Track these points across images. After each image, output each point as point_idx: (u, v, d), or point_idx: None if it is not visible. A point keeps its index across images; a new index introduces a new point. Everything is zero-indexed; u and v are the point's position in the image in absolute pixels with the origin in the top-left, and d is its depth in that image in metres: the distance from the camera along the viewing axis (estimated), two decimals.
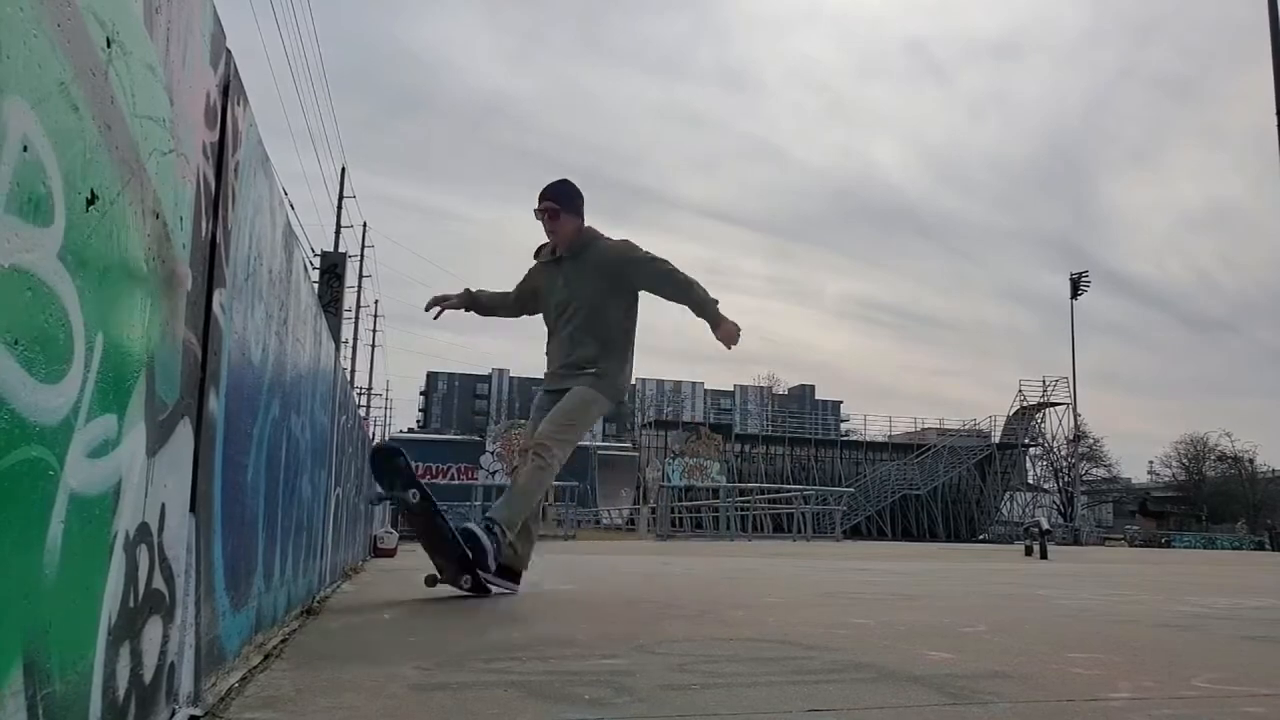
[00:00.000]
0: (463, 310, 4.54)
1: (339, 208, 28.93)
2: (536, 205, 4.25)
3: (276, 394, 2.40)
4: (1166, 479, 60.37)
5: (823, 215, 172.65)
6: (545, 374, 4.37)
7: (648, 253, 4.21)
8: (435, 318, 4.55)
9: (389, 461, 4.18)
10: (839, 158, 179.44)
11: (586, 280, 4.19)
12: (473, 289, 4.57)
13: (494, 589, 4.08)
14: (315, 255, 19.97)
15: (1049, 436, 46.64)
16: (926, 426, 45.99)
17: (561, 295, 4.25)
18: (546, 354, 4.37)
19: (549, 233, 4.27)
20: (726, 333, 4.06)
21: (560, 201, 4.21)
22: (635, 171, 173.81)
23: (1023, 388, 43.85)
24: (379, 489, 4.22)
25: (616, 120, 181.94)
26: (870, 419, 73.65)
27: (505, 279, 4.76)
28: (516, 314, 4.60)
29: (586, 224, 4.31)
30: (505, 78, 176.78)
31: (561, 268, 4.27)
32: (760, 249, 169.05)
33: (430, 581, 4.13)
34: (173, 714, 1.47)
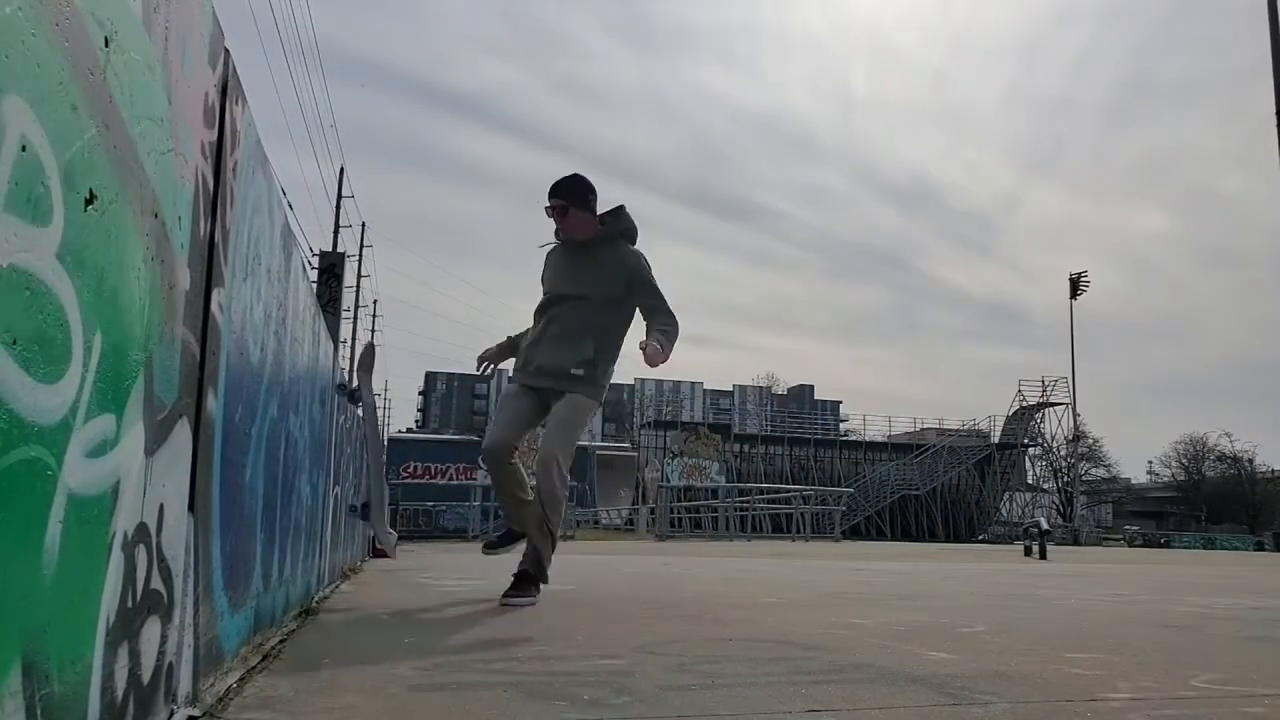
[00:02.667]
0: (510, 357, 4.56)
1: (337, 207, 28.94)
2: (546, 202, 4.21)
3: (275, 394, 2.40)
4: (1166, 479, 60.42)
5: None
6: (523, 363, 4.26)
7: (655, 283, 4.26)
8: (488, 373, 4.75)
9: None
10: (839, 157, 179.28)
11: (599, 278, 4.16)
12: (511, 335, 4.60)
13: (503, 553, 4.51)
14: (314, 255, 19.97)
15: (1048, 436, 46.69)
16: (926, 426, 45.99)
17: (567, 286, 4.19)
18: (530, 339, 4.26)
19: (559, 229, 4.26)
20: (652, 354, 3.97)
21: (569, 198, 4.18)
22: (638, 172, 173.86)
23: (1022, 388, 43.90)
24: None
25: (616, 118, 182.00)
26: (869, 419, 73.67)
27: (504, 275, 4.74)
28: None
29: (599, 216, 4.25)
30: (504, 71, 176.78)
31: (574, 257, 4.23)
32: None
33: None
34: (171, 714, 1.47)
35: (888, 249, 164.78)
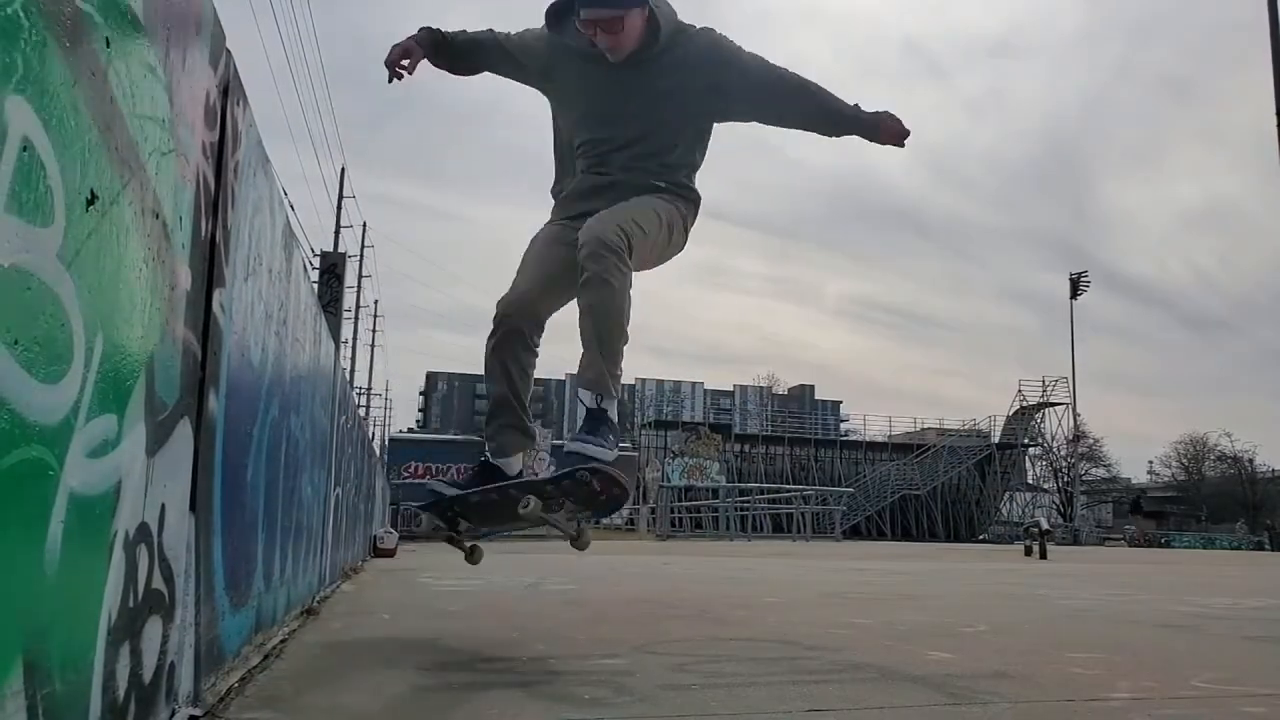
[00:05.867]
0: (434, 65, 2.94)
1: (338, 208, 28.92)
2: (579, 17, 2.63)
3: (276, 394, 2.40)
4: (1166, 479, 60.36)
5: (822, 215, 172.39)
6: (564, 209, 2.90)
7: (748, 52, 2.80)
8: (401, 78, 2.82)
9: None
10: (838, 157, 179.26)
11: (665, 92, 2.73)
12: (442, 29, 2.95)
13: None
14: (315, 255, 19.96)
15: (1049, 436, 46.68)
16: (926, 426, 45.99)
17: (616, 107, 2.77)
18: (576, 187, 2.88)
19: (609, 48, 2.66)
20: (891, 131, 2.72)
21: (626, 3, 2.60)
22: None
23: (1022, 388, 43.90)
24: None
25: None
26: (870, 419, 73.65)
27: (505, 273, 4.04)
28: (497, 67, 2.99)
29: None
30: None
31: (619, 73, 2.72)
32: (760, 249, 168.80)
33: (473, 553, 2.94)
34: (173, 714, 1.47)
35: (885, 248, 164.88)
